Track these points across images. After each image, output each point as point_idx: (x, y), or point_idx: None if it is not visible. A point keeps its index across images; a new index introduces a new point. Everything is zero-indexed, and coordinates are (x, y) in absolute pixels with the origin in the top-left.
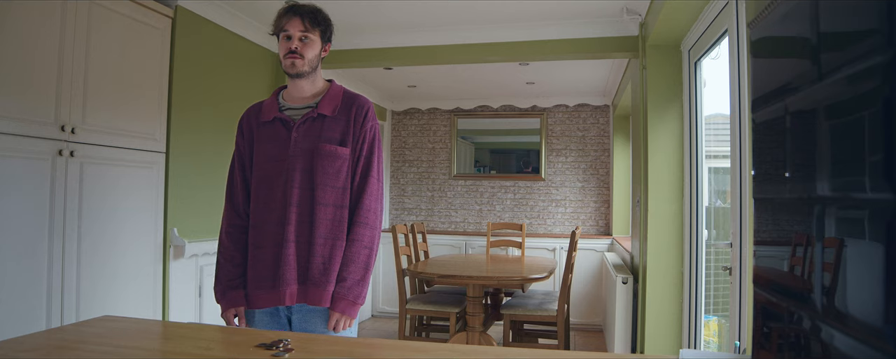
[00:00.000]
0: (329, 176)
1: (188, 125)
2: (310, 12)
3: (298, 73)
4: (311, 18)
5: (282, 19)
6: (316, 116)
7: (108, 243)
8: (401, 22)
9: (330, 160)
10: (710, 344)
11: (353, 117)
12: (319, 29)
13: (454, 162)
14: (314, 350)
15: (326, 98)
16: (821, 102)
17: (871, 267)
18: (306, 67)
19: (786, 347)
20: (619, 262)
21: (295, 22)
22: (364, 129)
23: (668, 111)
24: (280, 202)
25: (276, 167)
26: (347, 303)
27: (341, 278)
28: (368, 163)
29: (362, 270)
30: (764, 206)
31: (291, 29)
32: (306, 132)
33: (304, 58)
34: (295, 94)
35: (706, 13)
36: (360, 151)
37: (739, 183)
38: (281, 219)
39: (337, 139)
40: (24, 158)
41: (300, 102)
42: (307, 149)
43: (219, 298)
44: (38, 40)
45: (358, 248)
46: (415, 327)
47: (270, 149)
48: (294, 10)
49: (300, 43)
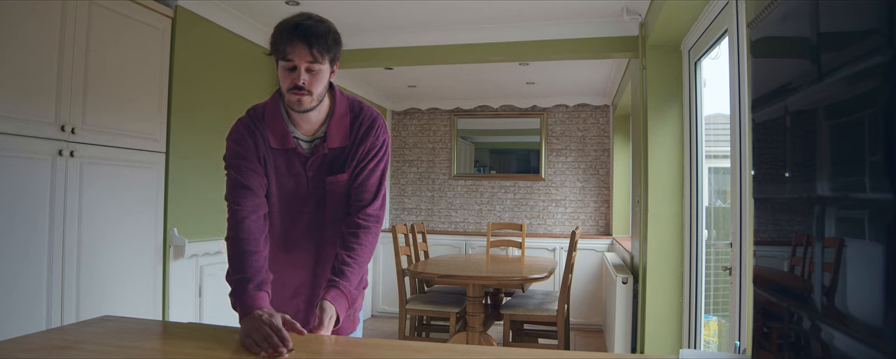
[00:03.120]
0: (340, 210)
1: (188, 125)
2: (319, 37)
3: (306, 110)
4: (320, 46)
5: (284, 43)
6: (326, 151)
7: (108, 243)
8: (401, 22)
9: (338, 192)
10: (710, 344)
11: (358, 140)
12: (329, 55)
13: (454, 162)
14: (314, 350)
15: (333, 124)
16: (821, 102)
17: (871, 267)
18: (314, 103)
19: (786, 347)
20: (619, 262)
21: (301, 50)
22: (365, 145)
23: (668, 111)
24: (292, 241)
25: (290, 204)
26: (345, 301)
27: (342, 274)
28: (373, 171)
29: (361, 272)
30: (764, 206)
31: (297, 59)
32: (318, 168)
33: (312, 94)
34: (302, 124)
35: (706, 13)
36: (364, 163)
37: (739, 183)
38: (293, 262)
39: (342, 167)
40: (24, 158)
41: (309, 131)
42: (318, 185)
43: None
44: (38, 40)
45: (366, 253)
46: (415, 327)
47: (287, 182)
48: (300, 33)
49: (308, 75)
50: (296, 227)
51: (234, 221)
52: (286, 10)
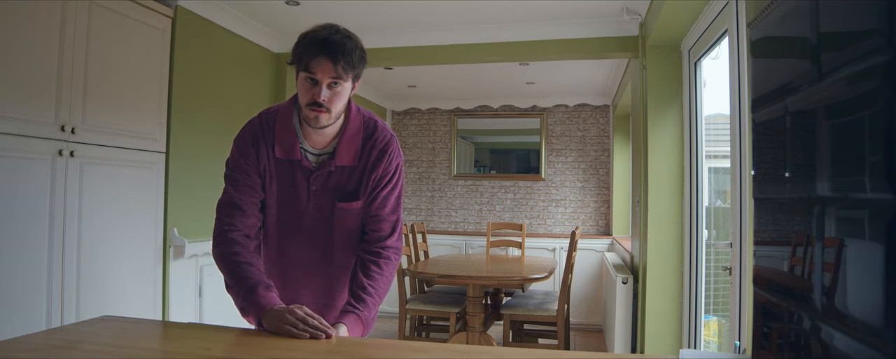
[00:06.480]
0: (352, 236)
1: (188, 125)
2: (346, 54)
3: (322, 127)
4: (346, 62)
5: (308, 56)
6: (333, 168)
7: (108, 243)
8: (401, 22)
9: (350, 218)
10: (710, 344)
11: (371, 165)
12: (354, 73)
13: (454, 162)
14: (314, 350)
15: (345, 141)
16: (821, 102)
17: (871, 267)
18: (332, 120)
19: (786, 347)
20: (619, 262)
21: (325, 65)
22: (377, 170)
23: (668, 111)
24: (289, 257)
25: (287, 215)
26: (361, 328)
27: (362, 301)
28: (387, 198)
29: (380, 302)
30: (764, 206)
31: (320, 74)
32: (323, 185)
33: (331, 111)
34: (314, 136)
35: (706, 13)
36: (378, 190)
37: (739, 183)
38: (296, 283)
39: (353, 191)
40: (24, 158)
41: (319, 144)
42: (321, 202)
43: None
44: (38, 40)
45: (385, 285)
46: (415, 327)
47: (286, 191)
48: (327, 48)
49: (329, 91)
50: (292, 239)
51: (223, 239)
52: (286, 10)
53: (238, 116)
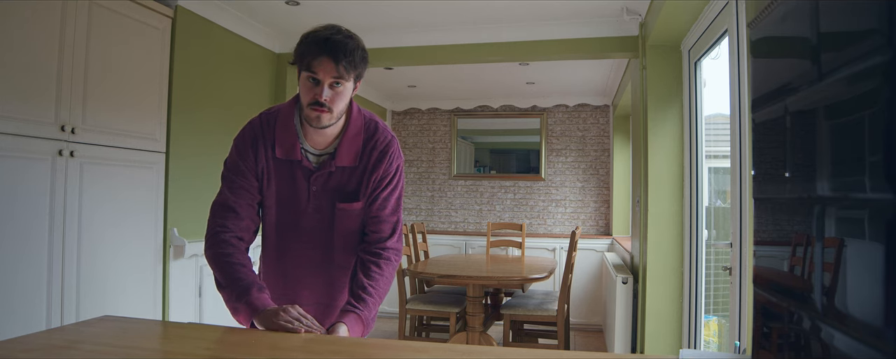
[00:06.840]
0: (352, 237)
1: (188, 125)
2: (348, 54)
3: (324, 127)
4: (348, 62)
5: (310, 56)
6: (333, 169)
7: (108, 243)
8: (401, 22)
9: (350, 219)
10: (710, 344)
11: (371, 166)
12: (355, 73)
13: (454, 162)
14: (314, 350)
15: (345, 142)
16: (821, 102)
17: (871, 267)
18: (334, 120)
19: (786, 347)
20: (619, 262)
21: (327, 65)
22: (378, 172)
23: (668, 111)
24: (288, 257)
25: (287, 215)
26: (361, 328)
27: (362, 300)
28: (387, 199)
29: (380, 302)
30: (764, 206)
31: (322, 74)
32: (323, 185)
33: (332, 111)
34: (315, 136)
35: (706, 13)
36: (378, 192)
37: (739, 183)
38: (294, 282)
39: (354, 192)
40: (24, 158)
41: (320, 144)
42: (321, 203)
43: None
44: (38, 40)
45: (386, 285)
46: (415, 327)
47: (286, 191)
48: (329, 48)
49: (331, 91)
50: (292, 239)
51: (216, 240)
52: (286, 11)
53: (238, 116)
